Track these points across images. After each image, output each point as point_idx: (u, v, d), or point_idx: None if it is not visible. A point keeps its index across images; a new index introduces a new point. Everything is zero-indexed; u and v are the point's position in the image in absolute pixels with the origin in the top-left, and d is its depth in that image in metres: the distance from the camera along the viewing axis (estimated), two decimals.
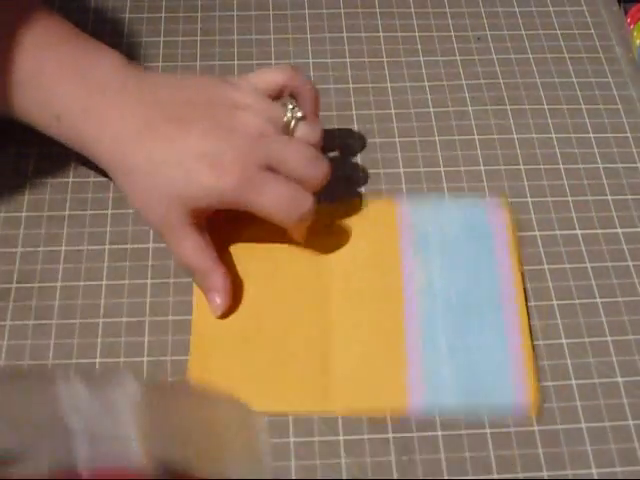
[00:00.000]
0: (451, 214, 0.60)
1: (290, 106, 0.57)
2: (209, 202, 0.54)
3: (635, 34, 0.70)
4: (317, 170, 0.55)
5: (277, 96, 0.58)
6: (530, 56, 0.71)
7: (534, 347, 0.55)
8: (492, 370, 0.54)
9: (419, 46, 0.71)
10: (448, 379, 0.54)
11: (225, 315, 0.55)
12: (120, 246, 0.59)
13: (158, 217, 0.55)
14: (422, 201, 0.61)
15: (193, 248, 0.55)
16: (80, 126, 0.56)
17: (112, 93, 0.56)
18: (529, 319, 0.56)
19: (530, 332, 0.56)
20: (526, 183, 0.64)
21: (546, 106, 0.68)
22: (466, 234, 0.59)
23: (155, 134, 0.55)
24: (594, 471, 0.51)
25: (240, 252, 0.58)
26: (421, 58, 0.71)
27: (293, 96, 0.59)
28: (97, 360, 0.54)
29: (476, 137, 0.66)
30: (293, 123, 0.56)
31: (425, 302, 0.56)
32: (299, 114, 0.56)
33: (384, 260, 0.58)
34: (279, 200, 0.54)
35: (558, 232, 0.61)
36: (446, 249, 0.58)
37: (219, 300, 0.55)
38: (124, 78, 0.57)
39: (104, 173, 0.59)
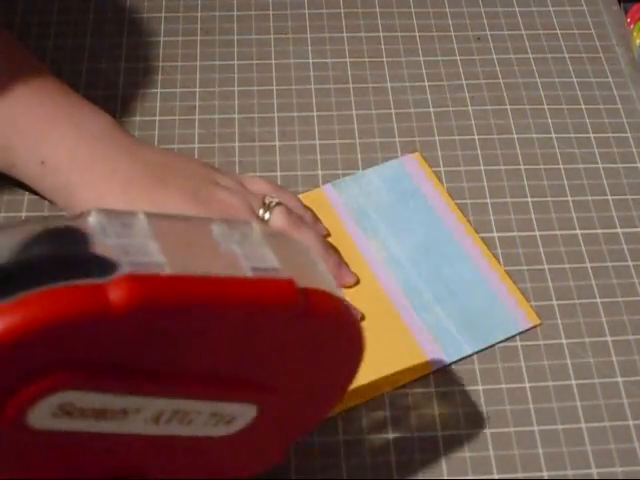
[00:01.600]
0: (376, 183, 0.62)
1: (268, 198, 0.57)
2: None
3: (635, 34, 0.70)
4: None
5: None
6: (530, 56, 0.71)
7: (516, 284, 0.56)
8: (486, 304, 0.57)
9: (419, 46, 0.71)
10: (453, 329, 0.55)
11: None
12: None
13: None
14: (345, 181, 0.62)
15: None
16: (67, 172, 0.55)
17: (107, 146, 0.56)
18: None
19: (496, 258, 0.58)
20: (526, 183, 0.64)
21: (546, 106, 0.68)
22: (397, 196, 0.61)
23: (137, 188, 0.55)
24: (594, 471, 0.51)
25: None
26: (421, 58, 0.71)
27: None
28: None
29: (476, 137, 0.66)
30: (267, 214, 0.56)
31: (395, 270, 0.58)
32: (275, 201, 0.56)
33: (340, 247, 0.59)
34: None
35: (558, 232, 0.61)
36: (387, 216, 0.60)
37: None
38: (118, 136, 0.57)
39: None
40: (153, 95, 0.67)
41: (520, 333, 0.56)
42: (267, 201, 0.57)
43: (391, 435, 0.52)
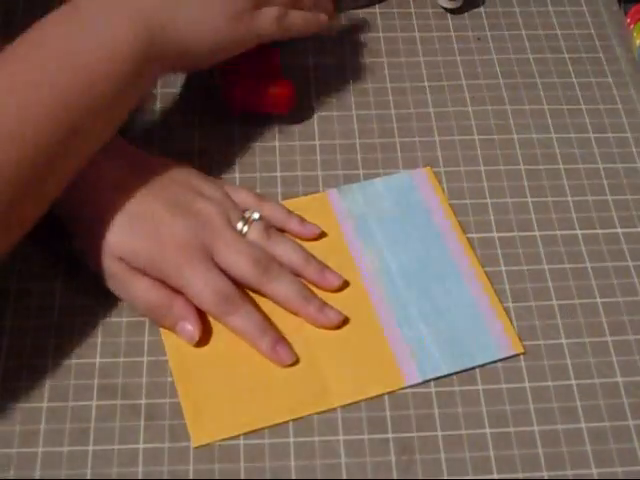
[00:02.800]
0: (381, 193, 0.62)
1: (249, 212, 0.57)
2: (142, 264, 0.54)
3: (635, 34, 0.70)
4: (257, 274, 0.55)
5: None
6: (530, 56, 0.71)
7: (505, 308, 0.56)
8: (470, 326, 0.56)
9: (419, 46, 0.71)
10: (433, 347, 0.55)
11: (200, 343, 0.54)
12: None
13: (105, 268, 0.55)
14: (351, 187, 0.62)
15: (145, 289, 0.54)
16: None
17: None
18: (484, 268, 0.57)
19: (488, 278, 0.58)
20: (526, 183, 0.64)
21: (546, 106, 0.68)
22: (400, 208, 0.61)
23: (124, 194, 0.55)
24: (594, 471, 0.51)
25: None
26: (421, 58, 0.71)
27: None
28: (97, 360, 0.54)
29: (476, 137, 0.66)
30: (246, 228, 0.56)
31: (385, 282, 0.57)
32: (256, 215, 0.57)
33: (334, 252, 0.58)
34: (207, 286, 0.54)
35: (558, 232, 0.61)
36: (386, 227, 0.60)
37: (190, 326, 0.54)
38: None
39: None
40: (153, 95, 0.67)
41: (501, 360, 0.55)
42: (247, 215, 0.57)
43: (391, 435, 0.52)
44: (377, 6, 0.74)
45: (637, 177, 0.64)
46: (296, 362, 0.54)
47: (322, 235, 0.59)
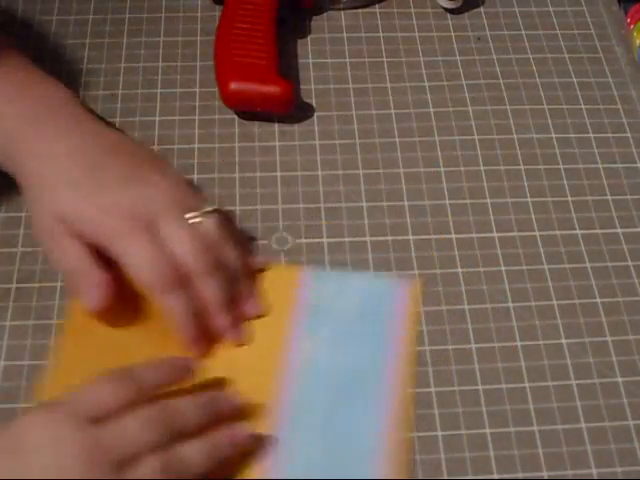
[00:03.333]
0: (353, 292, 0.57)
1: (207, 204, 0.55)
2: (85, 229, 0.53)
3: (635, 34, 0.70)
4: (194, 264, 0.53)
5: None
6: (530, 56, 0.71)
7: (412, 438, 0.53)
8: (355, 460, 0.51)
9: (419, 46, 0.71)
10: (313, 458, 0.51)
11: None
12: None
13: (45, 226, 0.54)
14: (328, 276, 0.58)
15: (74, 256, 0.53)
16: (19, 148, 0.56)
17: (53, 116, 0.56)
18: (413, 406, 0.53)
19: (410, 421, 0.53)
20: (526, 183, 0.64)
21: (546, 106, 0.68)
22: (362, 315, 0.56)
23: (78, 159, 0.55)
24: (594, 471, 0.51)
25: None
26: (421, 58, 0.71)
27: None
28: None
29: (476, 137, 0.66)
30: (200, 218, 0.54)
31: (305, 377, 0.54)
32: (209, 208, 0.55)
33: (274, 328, 0.55)
34: (145, 260, 0.52)
35: (558, 232, 0.61)
36: (339, 324, 0.56)
37: (97, 292, 0.53)
38: (69, 108, 0.58)
39: None
40: (153, 95, 0.67)
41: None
42: (201, 207, 0.55)
43: None
44: (377, 6, 0.74)
45: (637, 177, 0.64)
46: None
47: (271, 305, 0.56)
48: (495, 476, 0.51)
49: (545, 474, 0.51)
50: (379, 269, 0.59)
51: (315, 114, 0.67)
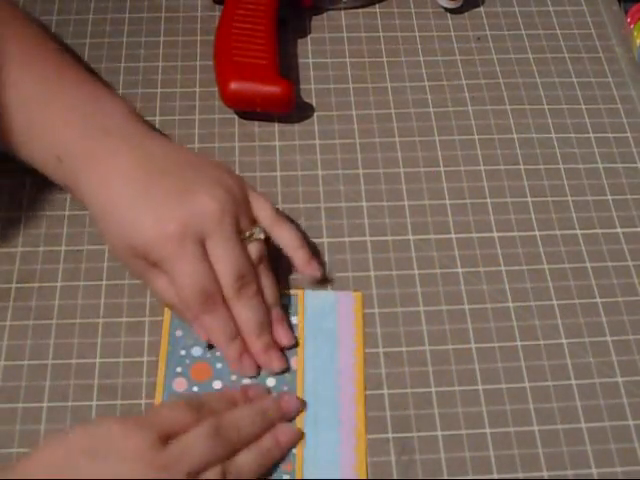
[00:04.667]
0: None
1: (259, 228, 0.56)
2: (146, 250, 0.53)
3: (635, 34, 0.70)
4: (235, 285, 0.54)
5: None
6: (530, 56, 0.71)
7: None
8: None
9: (419, 46, 0.71)
10: None
11: None
12: None
13: (123, 259, 0.55)
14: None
15: (164, 287, 0.54)
16: (79, 169, 0.55)
17: (116, 137, 0.56)
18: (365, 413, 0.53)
19: (364, 424, 0.53)
20: (526, 183, 0.64)
21: (546, 106, 0.68)
22: (313, 328, 0.56)
23: (134, 179, 0.54)
24: (594, 471, 0.51)
25: None
26: (421, 58, 0.71)
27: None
28: (97, 360, 0.54)
29: (476, 137, 0.66)
30: (251, 238, 0.55)
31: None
32: (261, 235, 0.55)
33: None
34: (191, 277, 0.53)
35: (558, 232, 0.61)
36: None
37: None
38: (129, 126, 0.57)
39: None
40: (153, 95, 0.67)
41: None
42: (254, 230, 0.55)
43: (391, 435, 0.52)
44: (377, 6, 0.74)
45: (637, 177, 0.64)
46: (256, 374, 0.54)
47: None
48: (495, 476, 0.51)
49: (545, 474, 0.51)
50: (379, 269, 0.59)
51: (315, 114, 0.67)
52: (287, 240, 0.57)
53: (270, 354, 0.54)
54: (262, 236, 0.56)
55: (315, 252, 0.59)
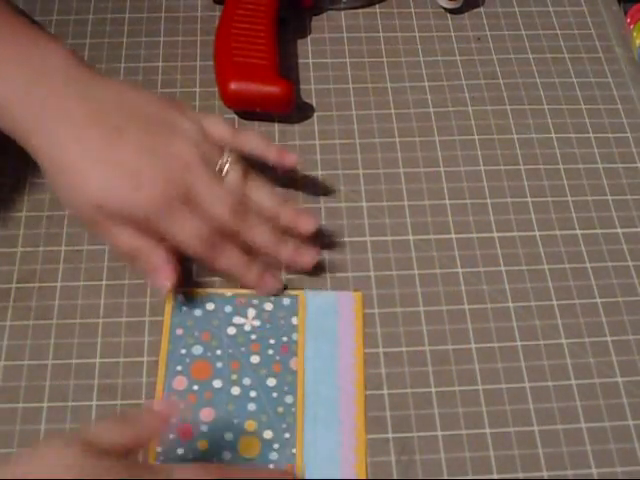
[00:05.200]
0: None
1: (227, 152, 0.56)
2: (124, 212, 0.53)
3: (635, 34, 0.70)
4: (236, 221, 0.54)
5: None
6: (530, 56, 0.71)
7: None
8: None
9: (419, 46, 0.71)
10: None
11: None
12: None
13: (86, 217, 0.54)
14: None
15: (127, 237, 0.54)
16: (19, 114, 0.54)
17: (57, 83, 0.54)
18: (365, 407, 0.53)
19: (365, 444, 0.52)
20: (526, 183, 0.64)
21: (546, 106, 0.68)
22: (314, 329, 0.56)
23: (93, 135, 0.54)
24: (594, 471, 0.51)
25: None
26: (421, 58, 0.71)
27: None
28: (97, 360, 0.54)
29: (476, 137, 0.66)
30: (226, 168, 0.55)
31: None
32: (231, 157, 0.56)
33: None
34: (192, 234, 0.53)
35: (558, 232, 0.61)
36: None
37: (163, 278, 0.54)
38: (73, 72, 0.55)
39: None
40: None
41: None
42: (225, 158, 0.56)
43: (391, 435, 0.52)
44: (377, 6, 0.74)
45: (637, 177, 0.64)
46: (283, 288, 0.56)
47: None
48: (495, 476, 0.51)
49: (545, 474, 0.51)
50: (379, 269, 0.59)
51: (315, 114, 0.67)
52: (255, 143, 0.58)
53: (300, 252, 0.56)
54: (233, 159, 0.56)
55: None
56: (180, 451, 0.51)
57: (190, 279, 0.57)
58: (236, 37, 0.66)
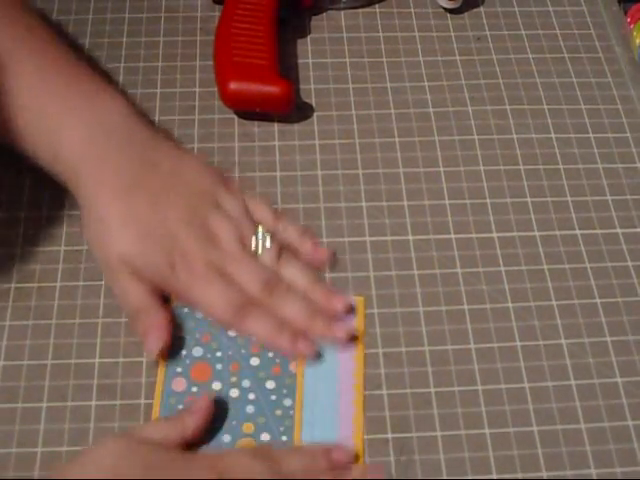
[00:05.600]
0: None
1: (261, 231, 0.57)
2: (148, 276, 0.54)
3: (635, 34, 0.70)
4: (267, 294, 0.55)
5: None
6: (530, 56, 0.71)
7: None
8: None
9: (419, 46, 0.71)
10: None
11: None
12: None
13: (110, 267, 0.55)
14: None
15: (143, 292, 0.54)
16: (77, 168, 0.56)
17: (115, 141, 0.56)
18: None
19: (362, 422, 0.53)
20: (526, 183, 0.64)
21: (546, 106, 0.68)
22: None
23: (139, 195, 0.55)
24: (594, 471, 0.51)
25: None
26: (421, 58, 0.71)
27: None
28: (96, 360, 0.54)
29: (476, 137, 0.66)
30: (261, 246, 0.56)
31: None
32: (268, 243, 0.57)
33: None
34: (223, 299, 0.54)
35: (558, 232, 0.61)
36: None
37: (152, 339, 0.53)
38: (129, 129, 0.57)
39: None
40: (153, 95, 0.67)
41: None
42: (260, 238, 0.57)
43: (390, 435, 0.52)
44: (377, 6, 0.74)
45: (637, 177, 0.64)
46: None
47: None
48: (494, 476, 0.51)
49: (544, 474, 0.51)
50: (379, 269, 0.59)
51: (315, 114, 0.67)
52: (291, 234, 0.58)
53: (332, 328, 0.55)
54: (268, 243, 0.57)
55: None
56: None
57: None
58: (236, 37, 0.66)
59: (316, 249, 0.58)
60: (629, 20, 0.72)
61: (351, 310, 0.56)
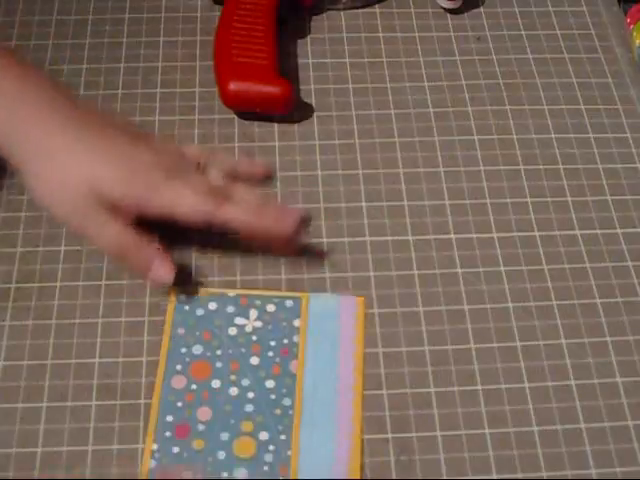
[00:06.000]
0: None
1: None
2: (116, 194, 0.53)
3: (635, 34, 0.70)
4: (213, 204, 0.55)
5: None
6: (530, 56, 0.71)
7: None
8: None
9: (419, 46, 0.71)
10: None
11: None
12: None
13: (71, 208, 0.53)
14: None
15: (117, 233, 0.54)
16: (6, 127, 0.54)
17: (39, 105, 0.55)
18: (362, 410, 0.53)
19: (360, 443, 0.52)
20: (525, 183, 0.64)
21: (546, 106, 0.68)
22: (314, 332, 0.56)
23: (84, 127, 0.55)
24: (594, 471, 0.51)
25: None
26: (421, 58, 0.71)
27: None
28: (96, 360, 0.54)
29: (476, 137, 0.66)
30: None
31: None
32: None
33: None
34: (195, 194, 0.55)
35: (558, 232, 0.61)
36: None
37: (163, 269, 0.54)
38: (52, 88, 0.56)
39: None
40: (153, 95, 0.67)
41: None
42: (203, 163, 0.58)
43: (390, 435, 0.52)
44: (377, 6, 0.74)
45: (637, 177, 0.64)
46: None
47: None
48: (494, 476, 0.51)
49: (544, 474, 0.51)
50: (379, 270, 0.59)
51: (315, 114, 0.67)
52: (226, 159, 0.61)
53: (285, 213, 0.57)
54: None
55: (316, 252, 0.59)
56: (176, 449, 0.51)
57: (192, 279, 0.57)
58: (236, 37, 0.66)
59: (252, 163, 0.62)
60: (629, 20, 0.72)
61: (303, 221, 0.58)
